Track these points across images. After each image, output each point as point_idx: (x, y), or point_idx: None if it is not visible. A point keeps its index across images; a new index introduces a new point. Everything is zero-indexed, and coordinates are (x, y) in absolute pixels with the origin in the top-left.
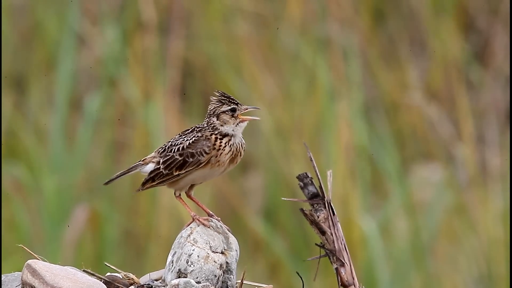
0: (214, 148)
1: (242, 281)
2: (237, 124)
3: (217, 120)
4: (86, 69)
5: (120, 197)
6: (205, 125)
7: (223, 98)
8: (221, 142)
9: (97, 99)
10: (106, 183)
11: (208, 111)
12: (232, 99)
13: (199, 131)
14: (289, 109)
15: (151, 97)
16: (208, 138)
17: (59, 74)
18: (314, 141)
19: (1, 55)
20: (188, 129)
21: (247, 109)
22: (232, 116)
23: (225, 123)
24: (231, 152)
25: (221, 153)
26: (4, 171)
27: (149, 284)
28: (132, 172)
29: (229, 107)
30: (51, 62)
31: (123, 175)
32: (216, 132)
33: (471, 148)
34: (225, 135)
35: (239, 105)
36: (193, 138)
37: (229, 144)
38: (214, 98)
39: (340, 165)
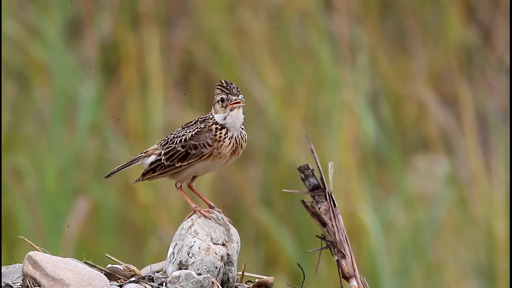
0: (216, 140)
1: (243, 272)
2: (228, 113)
3: (213, 109)
4: (85, 61)
5: (120, 188)
6: (208, 115)
7: (220, 87)
8: (221, 133)
9: (94, 88)
10: (107, 176)
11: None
12: (227, 88)
13: (202, 121)
14: (294, 99)
15: (150, 90)
16: (210, 129)
17: (57, 66)
18: (319, 132)
19: (1, 47)
20: (191, 121)
21: (236, 100)
22: (222, 106)
23: (217, 113)
24: (231, 145)
25: (222, 144)
26: (4, 161)
27: (150, 275)
28: (134, 164)
29: (220, 97)
30: (50, 53)
31: (124, 167)
32: (214, 120)
33: (473, 139)
34: (223, 126)
35: (229, 95)
36: (196, 130)
37: (228, 136)
38: (216, 87)
39: (344, 156)
